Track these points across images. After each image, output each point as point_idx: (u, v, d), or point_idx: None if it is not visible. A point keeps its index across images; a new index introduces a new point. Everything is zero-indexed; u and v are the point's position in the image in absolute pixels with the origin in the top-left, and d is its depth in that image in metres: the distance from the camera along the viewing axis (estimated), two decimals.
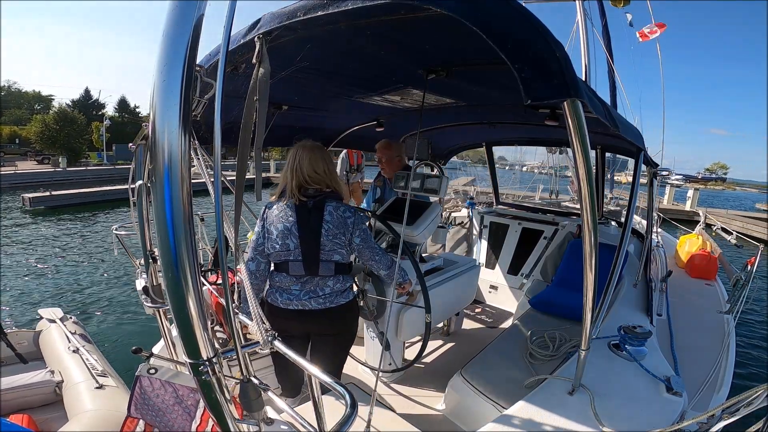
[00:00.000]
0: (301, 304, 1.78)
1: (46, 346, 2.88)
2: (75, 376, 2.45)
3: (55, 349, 2.78)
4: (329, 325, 1.85)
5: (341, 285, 1.84)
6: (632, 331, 1.77)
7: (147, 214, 1.79)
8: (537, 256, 3.73)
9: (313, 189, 1.76)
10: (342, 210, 1.79)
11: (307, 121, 2.79)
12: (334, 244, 1.76)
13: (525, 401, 1.48)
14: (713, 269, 4.32)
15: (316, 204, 1.75)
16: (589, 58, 7.26)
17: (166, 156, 0.65)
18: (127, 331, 5.12)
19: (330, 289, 1.80)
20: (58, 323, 3.07)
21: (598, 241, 1.20)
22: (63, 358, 2.65)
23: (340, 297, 1.83)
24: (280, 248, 1.76)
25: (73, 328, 3.06)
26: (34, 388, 2.34)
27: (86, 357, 2.63)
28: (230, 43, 0.78)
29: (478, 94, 2.11)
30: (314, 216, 1.74)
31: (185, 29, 0.65)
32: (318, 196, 1.77)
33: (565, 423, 1.36)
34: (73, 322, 3.21)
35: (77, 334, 2.96)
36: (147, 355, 1.12)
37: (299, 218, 1.74)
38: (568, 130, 1.01)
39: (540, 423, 1.36)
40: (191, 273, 0.69)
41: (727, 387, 2.15)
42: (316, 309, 1.78)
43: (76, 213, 13.42)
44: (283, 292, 1.81)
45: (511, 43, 0.85)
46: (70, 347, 2.74)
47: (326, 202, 1.77)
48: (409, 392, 2.40)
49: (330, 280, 1.80)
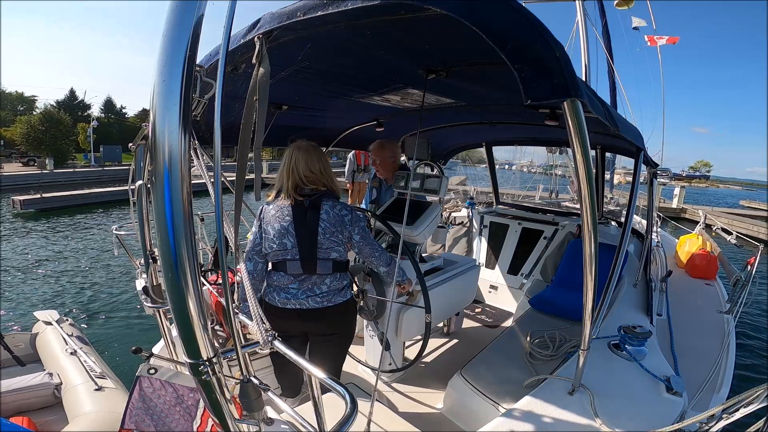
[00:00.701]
0: (299, 304, 1.78)
1: (44, 348, 2.88)
2: (74, 378, 2.44)
3: (53, 352, 2.77)
4: (327, 325, 1.85)
5: (338, 283, 1.84)
6: (632, 331, 1.77)
7: (147, 214, 1.79)
8: (537, 256, 3.73)
9: (309, 188, 1.78)
10: (338, 208, 1.80)
11: (307, 121, 2.79)
12: (331, 242, 1.77)
13: (525, 401, 1.48)
14: (713, 269, 4.32)
15: (312, 203, 1.77)
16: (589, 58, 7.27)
17: (166, 156, 0.65)
18: (123, 333, 5.10)
19: (327, 288, 1.80)
20: (54, 325, 3.05)
21: (598, 241, 1.20)
22: (61, 360, 2.65)
23: (338, 296, 1.83)
24: (277, 247, 1.77)
25: (69, 330, 3.05)
26: (33, 390, 2.33)
27: (84, 359, 2.63)
28: (230, 43, 0.78)
29: (478, 94, 2.11)
30: (311, 215, 1.75)
31: (185, 29, 0.65)
32: (314, 195, 1.78)
33: (565, 423, 1.36)
34: (69, 324, 3.20)
35: (74, 336, 2.96)
36: (147, 355, 1.12)
37: (296, 217, 1.75)
38: (568, 130, 1.01)
39: (540, 423, 1.36)
40: (191, 273, 0.69)
41: (727, 387, 2.15)
42: (314, 308, 1.79)
43: (68, 215, 13.19)
44: (281, 291, 1.81)
45: (511, 43, 0.85)
46: (67, 349, 2.74)
47: (323, 201, 1.78)
48: (409, 392, 2.40)
49: (327, 278, 1.81)
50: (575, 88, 0.89)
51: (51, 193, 14.77)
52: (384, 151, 2.94)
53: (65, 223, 12.19)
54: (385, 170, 2.97)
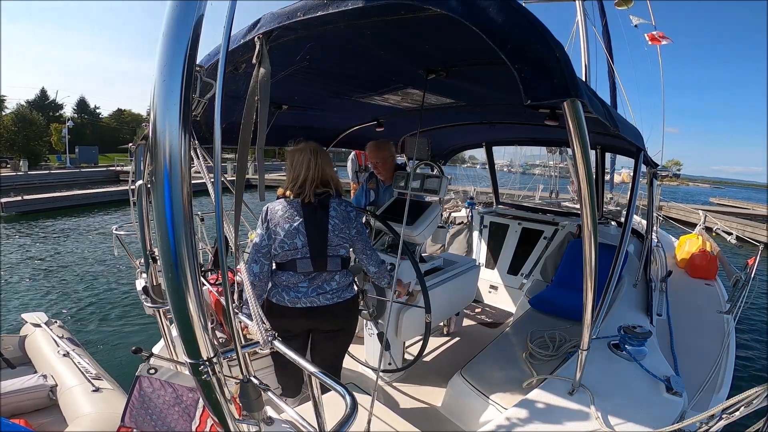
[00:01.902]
0: (309, 302, 1.81)
1: (34, 350, 2.85)
2: (69, 379, 2.42)
3: (44, 354, 2.74)
4: (334, 321, 1.89)
5: (346, 279, 1.90)
6: (632, 331, 1.77)
7: (147, 214, 1.79)
8: (537, 256, 3.73)
9: (321, 189, 1.81)
10: (344, 205, 1.87)
11: (307, 121, 2.79)
12: (339, 239, 1.82)
13: (525, 401, 1.48)
14: (713, 269, 4.32)
15: (321, 201, 1.80)
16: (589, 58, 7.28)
17: (167, 156, 0.65)
18: (113, 335, 5.05)
19: (337, 284, 1.85)
20: (43, 327, 3.02)
21: (598, 241, 1.20)
22: (54, 362, 2.62)
23: (346, 292, 1.89)
24: (288, 247, 1.77)
25: (59, 332, 3.02)
26: (28, 392, 2.31)
27: (78, 360, 2.60)
28: (230, 43, 0.78)
29: (478, 94, 2.11)
30: (321, 213, 1.79)
31: (185, 29, 0.65)
32: (322, 194, 1.81)
33: (565, 423, 1.36)
34: (58, 326, 3.16)
35: (65, 338, 2.92)
36: (147, 355, 1.12)
37: (306, 216, 1.78)
38: (568, 130, 1.01)
39: (540, 423, 1.36)
40: (191, 273, 0.69)
41: (727, 387, 2.15)
42: (324, 305, 1.82)
43: (50, 218, 12.85)
44: (290, 290, 1.81)
45: (511, 43, 0.85)
46: (59, 351, 2.71)
47: (330, 199, 1.83)
48: (409, 392, 2.40)
49: (337, 274, 1.85)
50: (575, 88, 0.89)
51: (32, 195, 14.38)
52: (383, 151, 2.93)
53: (46, 225, 11.96)
54: (387, 170, 2.97)
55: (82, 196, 16.10)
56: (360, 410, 0.89)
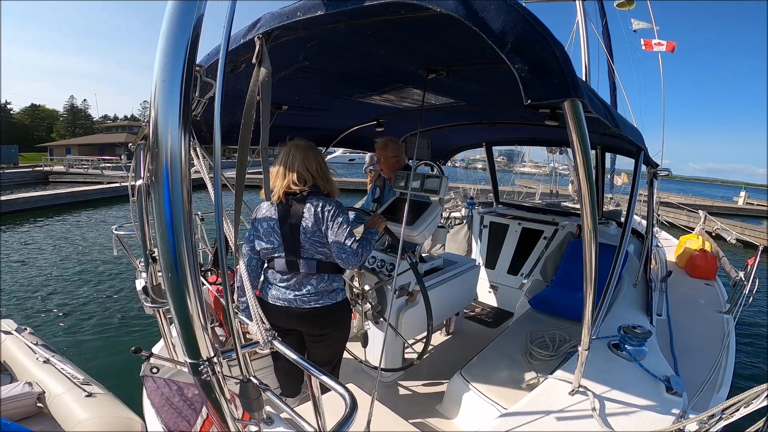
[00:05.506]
0: (287, 302, 1.80)
1: (10, 358, 2.78)
2: (55, 387, 2.38)
3: (21, 361, 2.69)
4: (315, 325, 1.86)
5: (326, 285, 1.81)
6: (632, 331, 1.77)
7: (147, 214, 1.79)
8: (537, 256, 3.73)
9: (298, 188, 1.76)
10: (321, 205, 1.73)
11: (307, 120, 2.79)
12: (313, 243, 1.74)
13: (525, 401, 1.48)
14: (713, 269, 4.32)
15: (297, 202, 1.76)
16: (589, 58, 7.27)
17: (167, 156, 0.65)
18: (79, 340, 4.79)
19: (314, 288, 1.79)
20: (14, 335, 2.96)
21: (598, 241, 1.20)
22: (34, 369, 2.57)
23: (326, 298, 1.82)
24: (266, 245, 1.80)
25: (31, 339, 2.95)
26: (14, 400, 2.26)
27: (61, 367, 2.56)
28: (230, 43, 0.78)
29: (478, 94, 2.11)
30: (294, 213, 1.75)
31: (185, 29, 0.65)
32: (298, 192, 1.76)
33: (565, 423, 1.36)
34: (29, 333, 3.08)
35: (40, 345, 2.86)
36: (147, 355, 1.12)
37: (280, 216, 1.76)
38: (568, 130, 1.01)
39: (540, 423, 1.36)
40: (191, 273, 0.69)
41: (727, 387, 2.15)
42: (301, 308, 1.79)
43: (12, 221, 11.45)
44: (272, 287, 1.84)
45: (511, 43, 0.85)
46: (38, 358, 2.65)
47: (308, 199, 1.75)
48: (409, 392, 2.41)
49: (313, 278, 1.79)
50: (575, 88, 0.88)
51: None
52: (386, 150, 2.93)
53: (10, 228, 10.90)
54: (387, 170, 2.96)
55: (30, 199, 13.66)
56: (360, 410, 0.89)
